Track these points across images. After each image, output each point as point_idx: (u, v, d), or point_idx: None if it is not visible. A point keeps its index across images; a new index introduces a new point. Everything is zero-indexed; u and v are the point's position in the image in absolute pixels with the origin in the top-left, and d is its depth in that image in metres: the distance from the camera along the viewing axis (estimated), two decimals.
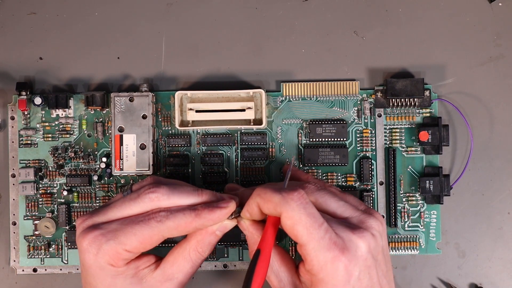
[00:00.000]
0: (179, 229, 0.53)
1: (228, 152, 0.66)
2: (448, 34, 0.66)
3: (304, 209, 0.50)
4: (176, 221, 0.52)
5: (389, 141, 0.65)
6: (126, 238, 0.52)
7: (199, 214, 0.53)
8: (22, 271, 0.66)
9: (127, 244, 0.52)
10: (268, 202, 0.51)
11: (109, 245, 0.52)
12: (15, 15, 0.67)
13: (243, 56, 0.67)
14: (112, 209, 0.55)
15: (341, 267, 0.49)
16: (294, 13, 0.66)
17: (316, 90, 0.65)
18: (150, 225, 0.52)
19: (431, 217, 0.65)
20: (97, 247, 0.52)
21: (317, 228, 0.50)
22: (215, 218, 0.53)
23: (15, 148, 0.66)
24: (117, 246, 0.52)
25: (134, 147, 0.64)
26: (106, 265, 0.52)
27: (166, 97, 0.66)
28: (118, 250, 0.52)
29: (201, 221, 0.53)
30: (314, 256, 0.49)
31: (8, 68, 0.67)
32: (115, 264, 0.53)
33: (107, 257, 0.52)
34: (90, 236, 0.52)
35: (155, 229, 0.52)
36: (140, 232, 0.52)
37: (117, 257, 0.52)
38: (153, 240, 0.53)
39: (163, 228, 0.52)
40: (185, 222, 0.53)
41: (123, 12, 0.67)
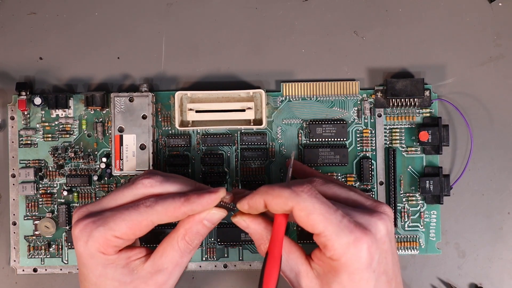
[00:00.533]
0: (168, 214, 0.52)
1: (228, 152, 0.66)
2: (448, 34, 0.66)
3: (316, 198, 0.50)
4: (164, 206, 0.52)
5: (389, 141, 0.65)
6: (115, 224, 0.52)
7: (188, 199, 0.53)
8: (22, 271, 0.66)
9: (116, 230, 0.52)
10: (277, 197, 0.50)
11: (99, 231, 0.52)
12: (15, 15, 0.67)
13: (243, 56, 0.67)
14: (106, 198, 0.55)
15: (364, 249, 0.49)
16: (294, 13, 0.66)
17: (316, 90, 0.65)
18: (139, 210, 0.52)
19: (431, 217, 0.65)
20: (87, 234, 0.52)
21: (333, 213, 0.49)
22: (204, 203, 0.53)
23: (15, 148, 0.66)
24: (107, 232, 0.52)
25: (134, 147, 0.64)
26: (97, 252, 0.52)
27: (166, 97, 0.66)
28: (107, 237, 0.52)
29: (190, 206, 0.52)
30: (336, 239, 0.49)
31: (8, 68, 0.67)
32: (105, 251, 0.52)
33: (97, 244, 0.52)
34: (81, 224, 0.53)
35: (144, 214, 0.52)
36: (129, 218, 0.52)
37: (107, 243, 0.52)
38: (142, 226, 0.52)
39: (152, 213, 0.52)
40: (173, 207, 0.52)
41: (123, 12, 0.67)
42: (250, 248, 0.65)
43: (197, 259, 0.65)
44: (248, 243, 0.65)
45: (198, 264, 0.66)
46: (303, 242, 0.64)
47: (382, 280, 0.51)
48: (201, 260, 0.66)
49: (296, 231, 0.65)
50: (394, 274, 0.52)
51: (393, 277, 0.52)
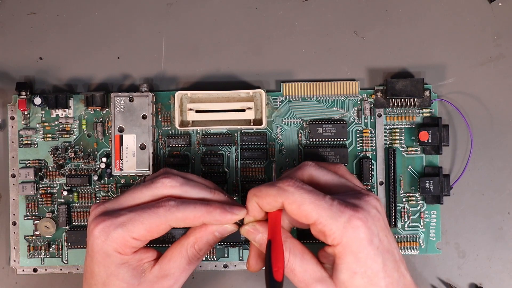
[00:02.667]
0: (186, 221, 0.53)
1: (228, 152, 0.66)
2: (448, 34, 0.66)
3: (303, 189, 0.50)
4: (185, 213, 0.53)
5: (389, 141, 0.65)
6: (134, 226, 0.52)
7: (210, 211, 0.53)
8: (22, 271, 0.66)
9: (134, 232, 0.52)
10: (266, 197, 0.52)
11: (117, 232, 0.52)
12: (15, 15, 0.67)
13: (243, 56, 0.67)
14: (125, 196, 0.55)
15: (360, 225, 0.49)
16: (294, 13, 0.66)
17: (316, 90, 0.65)
18: (158, 213, 0.52)
19: (431, 217, 0.65)
20: (106, 234, 0.52)
21: (323, 199, 0.50)
22: (224, 220, 0.53)
23: (15, 148, 0.66)
24: (125, 234, 0.52)
25: (134, 147, 0.64)
26: (113, 252, 0.53)
27: (166, 97, 0.66)
28: (126, 238, 0.52)
29: (210, 218, 0.53)
30: (331, 223, 0.49)
31: (8, 68, 0.67)
32: (123, 251, 0.53)
33: (115, 244, 0.52)
34: (101, 224, 0.53)
35: (163, 218, 0.52)
36: (148, 221, 0.52)
37: (125, 244, 0.53)
38: (160, 229, 0.53)
39: (171, 218, 0.52)
40: (194, 216, 0.53)
41: (123, 12, 0.67)
42: None
43: None
44: (248, 243, 0.65)
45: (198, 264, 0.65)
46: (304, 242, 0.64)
47: (389, 259, 0.50)
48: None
49: (296, 230, 0.65)
50: (400, 258, 0.52)
51: (400, 260, 0.52)
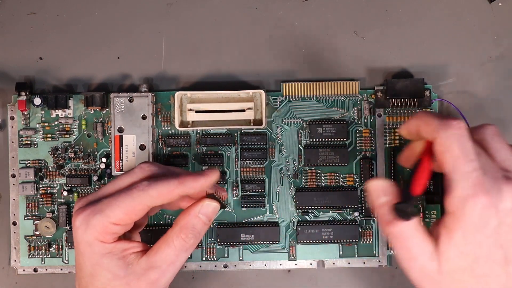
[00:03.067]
0: (161, 197, 0.52)
1: (228, 152, 0.66)
2: (448, 34, 0.66)
3: (457, 140, 0.48)
4: (158, 188, 0.52)
5: (389, 141, 0.65)
6: (111, 211, 0.52)
7: (182, 181, 0.53)
8: (22, 271, 0.66)
9: (112, 216, 0.52)
10: (427, 125, 0.50)
11: (96, 219, 0.52)
12: (15, 15, 0.67)
13: (243, 56, 0.66)
14: (106, 186, 0.55)
15: (478, 209, 0.46)
16: (294, 13, 0.66)
17: (316, 90, 0.65)
18: (132, 195, 0.52)
19: (431, 217, 0.65)
20: (86, 223, 0.52)
21: (465, 163, 0.47)
22: (199, 184, 0.53)
23: (15, 148, 0.66)
24: (104, 219, 0.52)
25: (134, 148, 0.64)
26: (94, 240, 0.53)
27: (166, 97, 0.66)
28: (104, 224, 0.52)
29: (184, 187, 0.53)
30: (455, 188, 0.47)
31: (8, 68, 0.67)
32: (104, 239, 0.53)
33: (95, 232, 0.52)
34: (81, 214, 0.53)
35: (137, 198, 0.52)
36: (123, 203, 0.52)
37: (105, 231, 0.52)
38: (137, 210, 0.53)
39: (145, 196, 0.52)
40: (167, 189, 0.52)
41: (123, 12, 0.67)
42: (250, 248, 0.65)
43: (197, 259, 0.66)
44: (248, 243, 0.65)
45: (198, 264, 0.66)
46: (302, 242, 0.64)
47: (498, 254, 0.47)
48: (201, 260, 0.66)
49: (296, 231, 0.65)
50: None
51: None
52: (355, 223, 0.65)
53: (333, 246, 0.65)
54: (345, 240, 0.65)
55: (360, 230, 0.65)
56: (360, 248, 0.65)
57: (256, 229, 0.65)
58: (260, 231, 0.65)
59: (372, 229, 0.65)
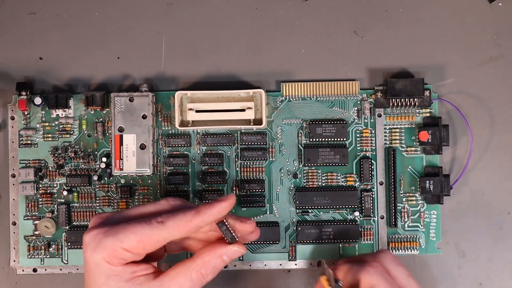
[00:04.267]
0: (179, 229, 0.52)
1: (228, 152, 0.66)
2: (448, 34, 0.66)
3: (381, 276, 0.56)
4: (175, 220, 0.52)
5: (389, 141, 0.65)
6: (125, 236, 0.52)
7: (198, 210, 0.52)
8: (22, 271, 0.66)
9: (125, 242, 0.52)
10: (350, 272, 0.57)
11: (108, 241, 0.52)
12: (15, 15, 0.67)
13: (243, 56, 0.67)
14: (128, 209, 0.56)
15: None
16: (294, 13, 0.66)
17: (316, 90, 0.65)
18: (151, 225, 0.52)
19: (431, 217, 0.65)
20: (96, 242, 0.52)
21: None
22: (215, 212, 0.53)
23: (15, 148, 0.66)
24: (116, 243, 0.52)
25: (134, 147, 0.64)
26: (102, 261, 0.52)
27: (166, 97, 0.66)
28: (115, 247, 0.52)
29: (201, 217, 0.52)
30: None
31: (8, 68, 0.67)
32: (111, 261, 0.52)
33: (103, 253, 0.52)
34: (93, 232, 0.53)
35: (155, 229, 0.52)
36: (140, 231, 0.52)
37: (114, 254, 0.52)
38: (152, 241, 0.52)
39: (163, 228, 0.52)
40: (184, 221, 0.52)
41: (123, 12, 0.67)
42: (250, 248, 0.65)
43: None
44: (248, 243, 0.65)
45: None
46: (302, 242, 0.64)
47: None
48: None
49: (296, 231, 0.65)
50: None
51: None
52: (355, 223, 0.65)
53: (333, 246, 0.65)
54: (345, 240, 0.65)
55: (360, 230, 0.65)
56: (360, 248, 0.65)
57: None
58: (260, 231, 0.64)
59: (372, 229, 0.65)
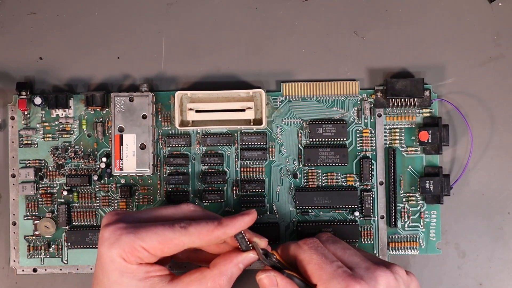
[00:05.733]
0: (200, 237, 0.53)
1: (228, 152, 0.66)
2: (448, 34, 0.66)
3: (315, 250, 0.54)
4: (198, 228, 0.53)
5: (389, 141, 0.65)
6: (146, 235, 0.52)
7: (221, 222, 0.53)
8: (22, 271, 0.66)
9: (146, 240, 0.52)
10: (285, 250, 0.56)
11: (128, 237, 0.52)
12: (15, 15, 0.67)
13: (243, 56, 0.67)
14: (145, 210, 0.56)
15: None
16: (294, 13, 0.66)
17: (316, 90, 0.65)
18: (174, 228, 0.53)
19: (431, 217, 0.65)
20: (115, 238, 0.52)
21: (329, 264, 0.52)
22: (237, 225, 0.54)
23: (15, 148, 0.66)
24: (136, 240, 0.52)
25: (134, 147, 0.64)
26: (118, 257, 0.52)
27: (166, 97, 0.66)
28: (134, 245, 0.52)
29: (223, 229, 0.53)
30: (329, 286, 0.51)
31: (8, 68, 0.67)
32: (127, 258, 0.52)
33: (121, 249, 0.52)
34: (113, 227, 0.53)
35: (177, 233, 0.52)
36: (162, 233, 0.52)
37: (132, 252, 0.52)
38: (172, 244, 0.53)
39: (185, 234, 0.53)
40: (207, 230, 0.53)
41: (123, 12, 0.67)
42: None
43: None
44: None
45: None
46: None
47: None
48: None
49: (296, 231, 0.65)
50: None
51: None
52: (355, 223, 0.65)
53: None
54: (345, 240, 0.64)
55: (360, 230, 0.65)
56: (360, 248, 0.65)
57: (256, 229, 0.64)
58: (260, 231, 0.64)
59: (372, 229, 0.65)
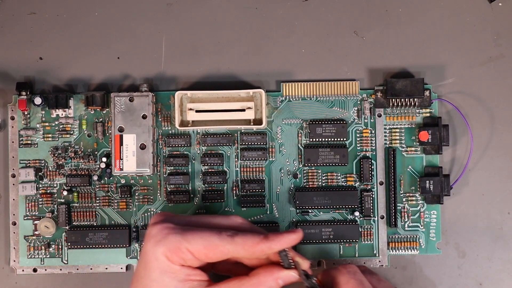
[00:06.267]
0: (245, 248, 0.53)
1: (228, 152, 0.66)
2: (448, 34, 0.66)
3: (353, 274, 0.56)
4: (244, 238, 0.53)
5: (389, 141, 0.65)
6: (193, 238, 0.53)
7: (267, 236, 0.54)
8: (22, 271, 0.66)
9: (192, 243, 0.53)
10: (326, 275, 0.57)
11: (175, 237, 0.53)
12: (15, 15, 0.67)
13: (243, 56, 0.67)
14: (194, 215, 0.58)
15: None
16: (294, 13, 0.66)
17: (316, 90, 0.65)
18: (220, 236, 0.53)
19: (431, 217, 0.65)
20: (162, 236, 0.53)
21: None
22: (283, 242, 0.54)
23: (15, 148, 0.66)
24: (182, 241, 0.53)
25: (134, 147, 0.64)
26: (162, 256, 0.53)
27: (166, 97, 0.66)
28: (180, 246, 0.53)
29: (269, 244, 0.54)
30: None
31: (8, 68, 0.67)
32: (171, 258, 0.53)
33: (166, 248, 0.53)
34: (160, 226, 0.54)
35: (224, 240, 0.53)
36: (208, 238, 0.53)
37: (177, 252, 0.53)
38: (217, 250, 0.53)
39: (231, 242, 0.53)
40: (252, 242, 0.53)
41: (123, 12, 0.67)
42: None
43: None
44: None
45: None
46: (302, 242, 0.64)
47: None
48: None
49: None
50: None
51: None
52: (355, 223, 0.65)
53: (333, 246, 0.65)
54: (345, 240, 0.65)
55: (360, 230, 0.65)
56: (360, 248, 0.65)
57: None
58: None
59: (372, 229, 0.65)
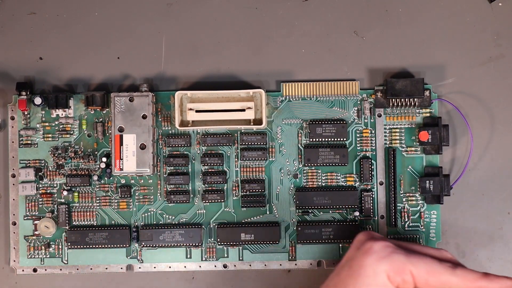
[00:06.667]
0: (464, 281, 0.54)
1: (228, 152, 0.66)
2: (448, 34, 0.66)
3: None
4: (465, 272, 0.54)
5: (389, 141, 0.65)
6: (418, 260, 0.54)
7: (487, 274, 0.54)
8: (22, 271, 0.66)
9: (416, 266, 0.54)
10: None
11: (400, 257, 0.54)
12: (15, 15, 0.67)
13: (243, 56, 0.67)
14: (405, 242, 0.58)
15: None
16: (294, 13, 0.66)
17: (316, 90, 0.65)
18: (442, 264, 0.54)
19: (431, 217, 0.65)
20: (387, 253, 0.54)
21: None
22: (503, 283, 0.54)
23: (15, 148, 0.66)
24: (406, 263, 0.54)
25: (134, 147, 0.64)
26: (383, 273, 0.53)
27: (166, 97, 0.66)
28: (404, 267, 0.53)
29: (488, 282, 0.54)
30: None
31: (8, 68, 0.67)
32: (391, 277, 0.53)
33: (390, 266, 0.53)
34: (384, 243, 0.55)
35: (444, 269, 0.54)
36: (431, 263, 0.54)
37: (400, 272, 0.53)
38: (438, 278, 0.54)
39: (451, 272, 0.54)
40: (472, 277, 0.54)
41: (123, 12, 0.67)
42: (250, 248, 0.65)
43: (197, 259, 0.65)
44: (248, 243, 0.65)
45: (198, 264, 0.65)
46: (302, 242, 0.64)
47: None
48: (201, 260, 0.65)
49: (296, 231, 0.65)
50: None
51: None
52: (355, 223, 0.65)
53: (333, 246, 0.65)
54: (345, 240, 0.65)
55: (360, 230, 0.65)
56: None
57: (256, 229, 0.65)
58: (260, 231, 0.65)
59: (372, 229, 0.65)
